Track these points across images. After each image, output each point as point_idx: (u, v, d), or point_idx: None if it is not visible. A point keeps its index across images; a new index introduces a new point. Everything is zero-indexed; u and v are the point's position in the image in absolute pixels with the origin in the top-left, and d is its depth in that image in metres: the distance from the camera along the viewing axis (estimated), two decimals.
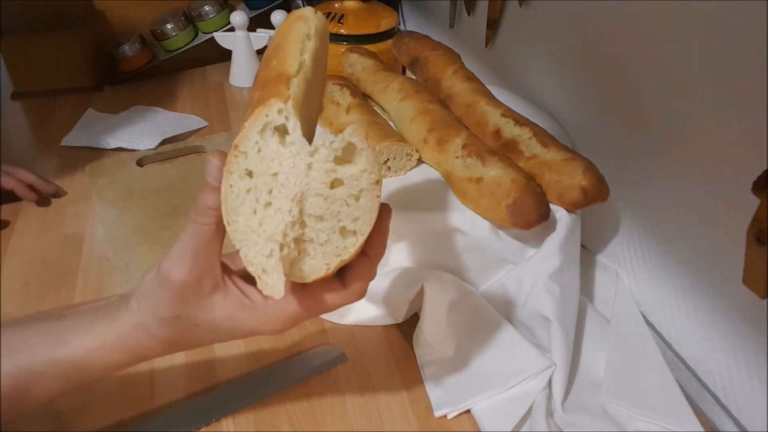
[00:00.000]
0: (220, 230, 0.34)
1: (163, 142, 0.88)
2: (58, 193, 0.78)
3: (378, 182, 0.32)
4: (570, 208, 0.54)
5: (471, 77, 0.67)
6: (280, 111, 0.31)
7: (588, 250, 0.67)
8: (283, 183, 0.32)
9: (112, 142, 0.88)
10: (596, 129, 0.66)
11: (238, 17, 1.03)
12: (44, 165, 0.84)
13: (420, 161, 0.61)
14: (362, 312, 0.58)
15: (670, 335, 0.58)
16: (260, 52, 1.09)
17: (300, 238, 0.32)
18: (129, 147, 0.87)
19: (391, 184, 0.58)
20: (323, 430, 0.49)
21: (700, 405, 0.52)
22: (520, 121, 0.59)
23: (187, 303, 0.36)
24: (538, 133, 0.57)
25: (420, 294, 0.55)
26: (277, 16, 1.03)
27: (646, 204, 0.59)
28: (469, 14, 0.94)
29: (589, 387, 0.52)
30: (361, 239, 0.32)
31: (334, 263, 0.33)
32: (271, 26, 1.05)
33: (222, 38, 1.08)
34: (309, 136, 0.32)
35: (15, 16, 1.03)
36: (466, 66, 0.69)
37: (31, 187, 0.75)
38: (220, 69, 1.15)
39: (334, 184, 0.32)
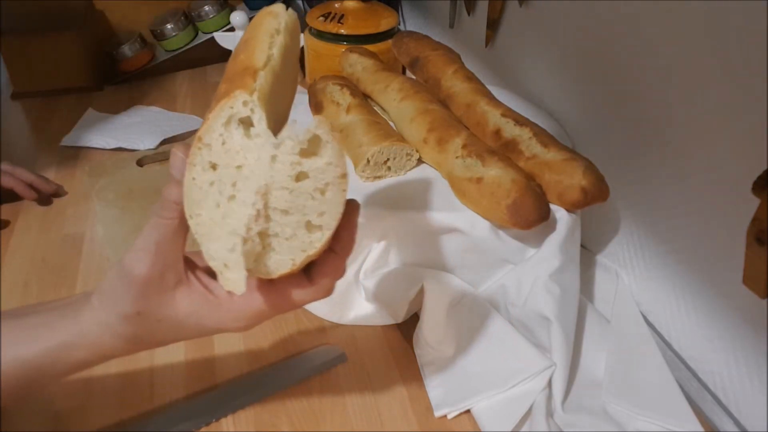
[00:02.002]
0: (184, 225, 0.34)
1: (163, 142, 0.88)
2: (59, 192, 0.78)
3: (344, 176, 0.31)
4: (570, 208, 0.54)
5: (471, 77, 0.67)
6: (245, 103, 0.31)
7: (588, 250, 0.67)
8: (248, 176, 0.31)
9: (112, 142, 0.88)
10: (596, 129, 0.66)
11: (238, 17, 1.03)
12: (44, 165, 0.84)
13: (420, 161, 0.61)
14: (362, 312, 0.58)
15: (670, 335, 0.58)
16: None
17: (265, 232, 0.31)
18: (129, 147, 0.87)
19: (391, 184, 0.58)
20: (323, 430, 0.49)
21: (700, 405, 0.52)
22: (520, 121, 0.59)
23: (148, 298, 0.35)
24: (538, 133, 0.57)
25: (420, 294, 0.55)
26: None
27: (646, 204, 0.59)
28: (469, 14, 0.94)
29: (589, 387, 0.52)
30: (327, 234, 0.32)
31: (300, 258, 0.32)
32: None
33: (222, 38, 1.08)
34: (277, 130, 0.32)
35: (15, 16, 1.03)
36: (466, 66, 0.69)
37: (31, 186, 0.75)
38: (220, 69, 1.15)
39: (300, 177, 0.31)
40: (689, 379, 0.54)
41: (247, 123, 0.31)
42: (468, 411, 0.50)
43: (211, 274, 0.37)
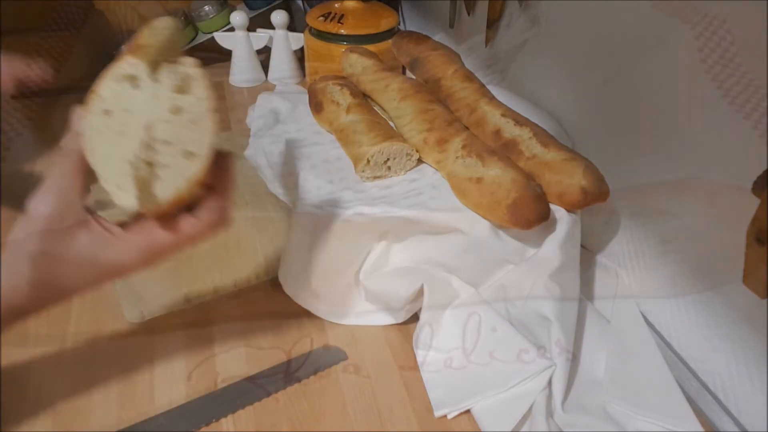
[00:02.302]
0: (83, 168, 0.39)
1: None
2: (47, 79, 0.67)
3: (212, 109, 0.38)
4: (570, 208, 0.54)
5: (471, 77, 0.67)
6: (131, 63, 0.39)
7: (588, 250, 0.67)
8: (135, 115, 0.38)
9: None
10: (596, 129, 0.66)
11: (238, 17, 1.03)
12: (44, 165, 0.84)
13: (420, 161, 0.61)
14: (362, 312, 0.58)
15: (670, 335, 0.58)
16: (260, 52, 1.09)
17: (151, 162, 0.38)
18: None
19: (391, 184, 0.58)
20: (323, 430, 0.49)
21: (700, 405, 0.52)
22: (520, 121, 0.59)
23: (51, 237, 0.39)
24: (538, 133, 0.57)
25: (420, 294, 0.55)
26: (277, 16, 1.03)
27: (645, 204, 0.59)
28: (469, 14, 0.94)
29: (589, 387, 0.52)
30: (202, 161, 0.37)
31: (182, 184, 0.37)
32: (271, 26, 1.05)
33: (222, 38, 1.08)
34: None
35: (15, 16, 1.03)
36: (466, 66, 0.69)
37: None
38: (220, 69, 1.15)
39: (177, 111, 0.38)
40: (689, 379, 0.54)
41: (133, 79, 0.39)
42: (468, 411, 0.50)
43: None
